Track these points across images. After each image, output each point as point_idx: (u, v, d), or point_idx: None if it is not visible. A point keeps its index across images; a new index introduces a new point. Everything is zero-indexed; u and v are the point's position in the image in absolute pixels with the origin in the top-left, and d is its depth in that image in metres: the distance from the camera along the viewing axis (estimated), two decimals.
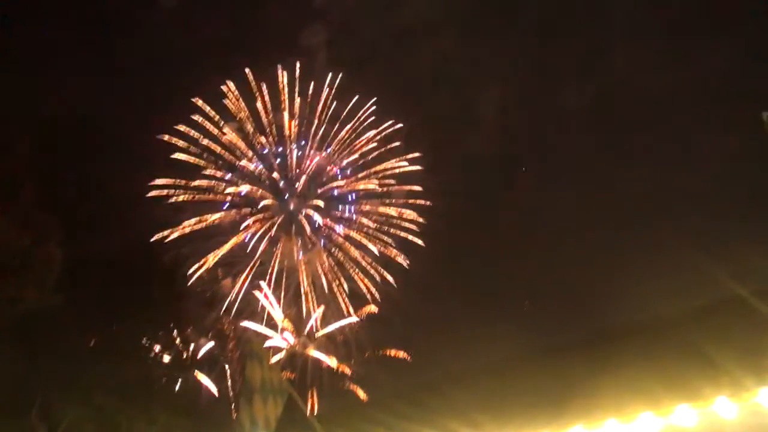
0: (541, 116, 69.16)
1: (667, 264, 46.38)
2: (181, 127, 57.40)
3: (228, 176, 58.67)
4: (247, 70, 61.09)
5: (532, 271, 59.68)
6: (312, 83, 62.86)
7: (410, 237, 58.93)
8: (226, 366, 50.63)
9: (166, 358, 42.75)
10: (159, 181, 54.59)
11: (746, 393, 19.89)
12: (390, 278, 57.39)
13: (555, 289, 57.70)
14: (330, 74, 63.27)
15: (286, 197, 60.63)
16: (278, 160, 61.76)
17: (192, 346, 46.97)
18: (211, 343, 49.59)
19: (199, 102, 58.31)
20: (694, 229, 48.02)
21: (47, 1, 57.92)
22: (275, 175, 61.07)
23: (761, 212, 43.26)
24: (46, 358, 30.40)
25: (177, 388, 42.90)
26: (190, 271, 50.94)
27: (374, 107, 62.70)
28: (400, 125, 62.66)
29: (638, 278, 45.81)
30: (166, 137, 56.10)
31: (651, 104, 62.01)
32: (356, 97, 62.28)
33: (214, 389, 48.53)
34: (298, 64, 62.09)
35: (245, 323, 52.07)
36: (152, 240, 49.32)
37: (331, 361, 54.55)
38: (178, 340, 44.71)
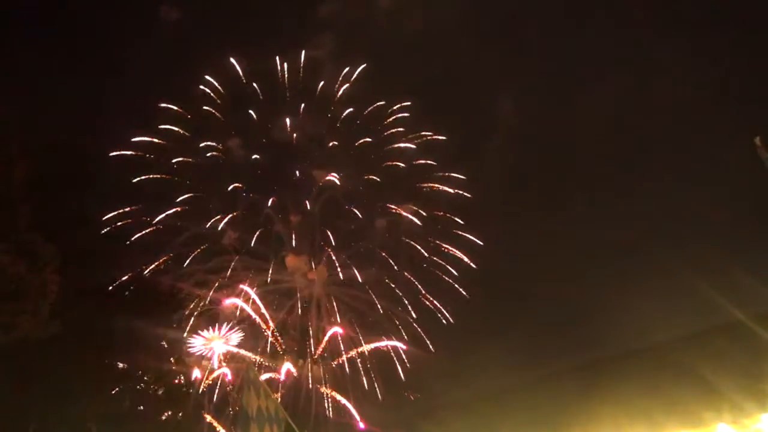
0: (535, 146, 68.14)
1: (666, 289, 46.22)
2: (150, 139, 50.73)
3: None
4: (232, 60, 52.54)
5: (532, 297, 59.32)
6: (321, 83, 53.66)
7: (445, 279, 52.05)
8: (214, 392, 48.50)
9: (163, 386, 41.98)
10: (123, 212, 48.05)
11: (747, 419, 19.70)
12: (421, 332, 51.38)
13: (555, 314, 57.33)
14: (347, 69, 53.36)
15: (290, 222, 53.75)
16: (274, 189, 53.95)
17: (189, 372, 45.92)
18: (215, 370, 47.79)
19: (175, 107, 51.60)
20: (693, 254, 47.93)
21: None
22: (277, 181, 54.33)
23: (759, 237, 43.29)
24: (42, 385, 30.05)
25: (171, 414, 42.16)
26: (187, 294, 48.48)
27: (405, 114, 53.15)
28: (440, 137, 53.54)
29: (638, 304, 45.60)
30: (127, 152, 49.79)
31: (648, 129, 62.34)
32: (381, 102, 53.29)
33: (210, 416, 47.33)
34: (303, 54, 53.45)
35: (243, 352, 49.70)
36: (148, 267, 47.58)
37: (332, 390, 51.85)
38: (174, 367, 43.81)
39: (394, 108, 53.58)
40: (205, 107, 53.23)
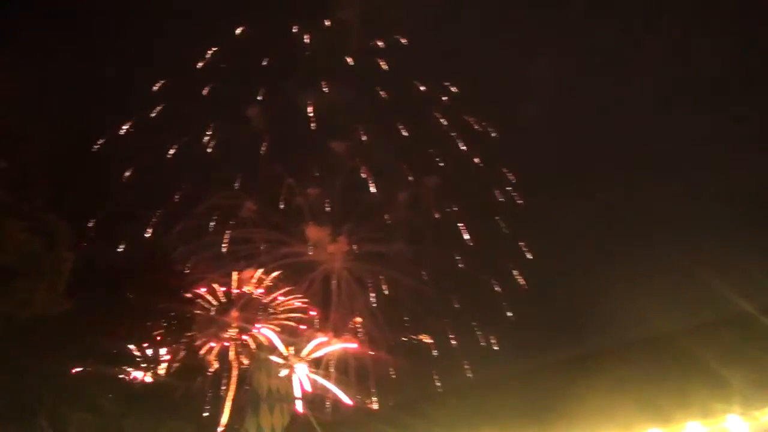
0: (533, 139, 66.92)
1: (675, 282, 46.20)
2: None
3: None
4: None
5: (529, 286, 59.52)
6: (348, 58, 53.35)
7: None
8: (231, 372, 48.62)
9: (174, 364, 42.34)
10: None
11: (757, 411, 19.80)
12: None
13: (556, 303, 57.50)
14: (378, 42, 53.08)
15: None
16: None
17: (200, 351, 46.11)
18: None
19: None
20: (698, 245, 47.81)
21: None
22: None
23: (763, 229, 43.12)
24: (55, 362, 30.46)
25: (183, 393, 42.55)
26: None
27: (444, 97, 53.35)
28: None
29: (647, 296, 45.50)
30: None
31: (651, 119, 61.73)
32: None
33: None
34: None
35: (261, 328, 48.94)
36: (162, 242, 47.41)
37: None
38: (186, 346, 44.09)
39: (445, 84, 53.13)
40: (215, 81, 53.76)
